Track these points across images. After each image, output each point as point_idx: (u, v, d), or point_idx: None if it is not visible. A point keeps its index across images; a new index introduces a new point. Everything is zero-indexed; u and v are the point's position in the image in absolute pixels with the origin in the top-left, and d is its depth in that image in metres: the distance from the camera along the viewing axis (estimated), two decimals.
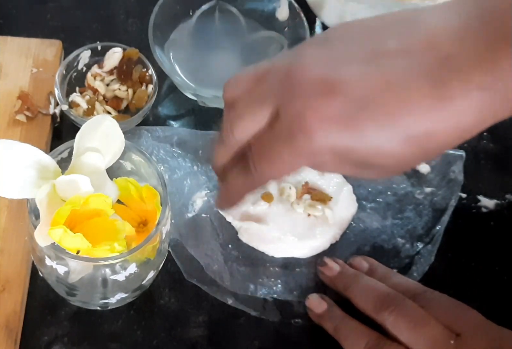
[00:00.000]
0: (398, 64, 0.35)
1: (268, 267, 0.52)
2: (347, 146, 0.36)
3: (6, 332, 0.47)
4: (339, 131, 0.35)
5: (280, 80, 0.38)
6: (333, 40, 0.38)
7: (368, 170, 0.38)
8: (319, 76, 0.36)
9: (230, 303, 0.50)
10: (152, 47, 0.54)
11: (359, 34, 0.38)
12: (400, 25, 0.37)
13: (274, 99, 0.38)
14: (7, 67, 0.55)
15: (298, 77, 0.37)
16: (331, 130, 0.36)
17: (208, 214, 0.53)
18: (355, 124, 0.35)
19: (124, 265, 0.41)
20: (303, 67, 0.37)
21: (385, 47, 0.36)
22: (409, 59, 0.35)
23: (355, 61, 0.36)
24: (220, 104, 0.57)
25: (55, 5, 0.61)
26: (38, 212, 0.37)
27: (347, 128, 0.35)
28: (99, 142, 0.39)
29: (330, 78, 0.36)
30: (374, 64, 0.35)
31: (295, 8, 0.57)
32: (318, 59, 0.37)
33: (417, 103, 0.34)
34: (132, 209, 0.40)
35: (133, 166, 0.43)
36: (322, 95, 0.36)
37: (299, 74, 0.37)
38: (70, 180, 0.37)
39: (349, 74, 0.36)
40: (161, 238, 0.42)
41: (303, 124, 0.36)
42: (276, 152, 0.38)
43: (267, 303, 0.50)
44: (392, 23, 0.38)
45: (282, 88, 0.37)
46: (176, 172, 0.54)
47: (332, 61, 0.37)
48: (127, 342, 0.49)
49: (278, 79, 0.38)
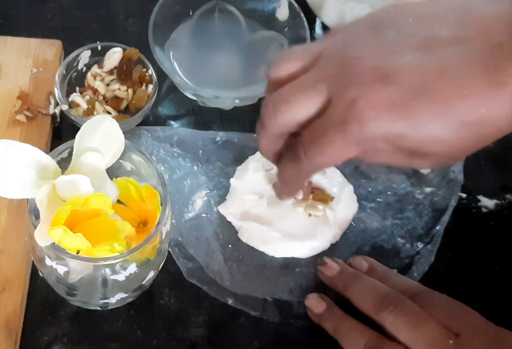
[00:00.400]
0: (452, 52, 0.36)
1: (268, 267, 0.52)
2: (401, 134, 0.36)
3: (6, 332, 0.47)
4: (394, 119, 0.36)
5: (335, 67, 0.38)
6: (385, 27, 0.39)
7: (420, 160, 0.39)
8: (374, 65, 0.37)
9: (230, 303, 0.50)
10: (152, 47, 0.54)
11: (411, 21, 0.38)
12: (452, 12, 0.38)
13: (327, 86, 0.38)
14: (7, 67, 0.55)
15: (354, 66, 0.38)
16: (385, 118, 0.36)
17: (208, 213, 0.53)
18: (409, 111, 0.36)
19: (124, 265, 0.41)
20: (358, 56, 0.38)
21: (439, 35, 0.37)
22: (463, 47, 0.36)
23: (409, 49, 0.37)
24: (220, 104, 0.57)
25: (55, 5, 0.61)
26: (38, 212, 0.37)
27: (402, 116, 0.36)
28: (99, 142, 0.39)
29: (385, 66, 0.37)
30: (428, 52, 0.36)
31: (295, 8, 0.57)
32: (373, 48, 0.38)
33: (472, 89, 0.35)
34: (132, 209, 0.40)
35: (133, 166, 0.43)
36: (377, 84, 0.36)
37: (354, 63, 0.38)
38: (70, 180, 0.37)
39: (403, 62, 0.36)
40: (161, 238, 0.42)
41: (358, 112, 0.37)
42: (328, 140, 0.38)
43: (267, 303, 0.50)
44: (444, 10, 0.38)
45: (337, 76, 0.38)
46: (176, 172, 0.54)
47: (385, 49, 0.38)
48: (127, 342, 0.49)
49: (333, 66, 0.39)
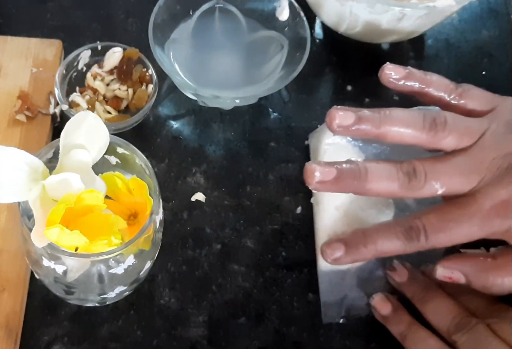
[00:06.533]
0: None
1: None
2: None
3: (6, 332, 0.47)
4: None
5: (492, 161, 0.44)
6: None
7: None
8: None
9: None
10: (152, 47, 0.54)
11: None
12: None
13: (479, 178, 0.43)
14: (7, 67, 0.55)
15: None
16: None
17: None
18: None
19: (120, 258, 0.41)
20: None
21: None
22: None
23: None
24: (220, 104, 0.57)
25: (55, 5, 0.61)
26: (31, 214, 0.37)
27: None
28: (84, 139, 0.39)
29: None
30: None
31: (295, 7, 0.57)
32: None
33: None
34: (121, 203, 0.40)
35: (118, 160, 0.43)
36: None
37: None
38: (61, 179, 0.37)
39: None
40: (155, 228, 0.42)
41: (506, 211, 0.42)
42: (460, 228, 0.43)
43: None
44: None
45: (490, 170, 0.43)
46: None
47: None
48: (127, 342, 0.49)
49: (490, 158, 0.44)
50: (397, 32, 0.57)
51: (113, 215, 0.38)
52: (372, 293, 0.50)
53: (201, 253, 0.52)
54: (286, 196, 0.55)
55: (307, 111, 0.59)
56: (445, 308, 0.47)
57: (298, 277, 0.52)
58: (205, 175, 0.55)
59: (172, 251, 0.52)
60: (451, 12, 0.56)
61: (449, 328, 0.45)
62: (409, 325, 0.47)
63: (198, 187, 0.55)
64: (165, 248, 0.47)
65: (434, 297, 0.47)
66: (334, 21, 0.59)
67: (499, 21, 0.65)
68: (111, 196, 0.41)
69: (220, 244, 0.53)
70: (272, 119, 0.58)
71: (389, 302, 0.49)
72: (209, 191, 0.55)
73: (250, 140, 0.57)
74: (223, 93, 0.55)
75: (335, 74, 0.61)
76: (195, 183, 0.55)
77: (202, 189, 0.55)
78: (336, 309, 0.50)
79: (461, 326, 0.45)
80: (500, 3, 0.66)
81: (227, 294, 0.51)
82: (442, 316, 0.46)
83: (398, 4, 0.52)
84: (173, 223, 0.53)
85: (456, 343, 0.45)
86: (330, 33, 0.62)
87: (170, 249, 0.52)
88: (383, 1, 0.52)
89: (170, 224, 0.52)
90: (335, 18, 0.58)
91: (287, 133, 0.58)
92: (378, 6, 0.53)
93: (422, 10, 0.53)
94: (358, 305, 0.50)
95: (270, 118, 0.58)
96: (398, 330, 0.47)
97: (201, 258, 0.52)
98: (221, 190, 0.55)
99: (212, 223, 0.53)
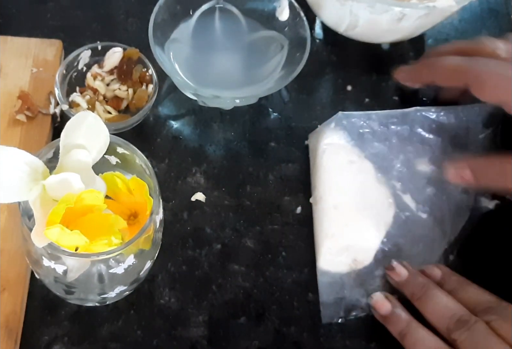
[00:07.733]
0: None
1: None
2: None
3: (6, 332, 0.47)
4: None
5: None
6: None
7: None
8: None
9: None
10: (152, 47, 0.54)
11: None
12: None
13: None
14: (7, 67, 0.55)
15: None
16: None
17: None
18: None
19: (120, 258, 0.41)
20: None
21: None
22: None
23: None
24: (220, 104, 0.57)
25: (55, 5, 0.61)
26: (31, 214, 0.37)
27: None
28: (84, 139, 0.39)
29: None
30: None
31: (295, 7, 0.57)
32: None
33: None
34: (121, 203, 0.41)
35: (118, 160, 0.43)
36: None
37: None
38: (61, 179, 0.37)
39: None
40: (155, 228, 0.42)
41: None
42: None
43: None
44: None
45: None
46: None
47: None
48: (127, 342, 0.49)
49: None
50: (397, 32, 0.57)
51: (113, 215, 0.38)
52: (371, 292, 0.50)
53: (201, 253, 0.52)
54: (286, 196, 0.55)
55: (307, 111, 0.59)
56: (444, 307, 0.47)
57: (298, 277, 0.52)
58: (205, 175, 0.55)
59: (172, 251, 0.52)
60: (451, 12, 0.56)
61: (449, 326, 0.46)
62: (408, 324, 0.47)
63: (198, 186, 0.55)
64: (165, 248, 0.47)
65: (433, 296, 0.47)
66: (334, 21, 0.59)
67: (499, 21, 0.65)
68: (111, 196, 0.41)
69: (220, 244, 0.53)
70: (272, 119, 0.58)
71: (388, 302, 0.49)
72: (209, 190, 0.55)
73: (250, 140, 0.57)
74: (223, 93, 0.55)
75: (335, 74, 0.61)
76: (195, 182, 0.55)
77: (202, 188, 0.55)
78: (335, 309, 0.50)
79: (460, 324, 0.45)
80: (500, 3, 0.66)
81: (227, 294, 0.51)
82: (441, 315, 0.46)
83: (398, 4, 0.52)
84: (173, 223, 0.53)
85: (455, 341, 0.45)
86: (330, 33, 0.62)
87: (170, 249, 0.52)
88: (383, 1, 0.52)
89: (170, 224, 0.52)
90: (335, 18, 0.58)
91: (287, 133, 0.58)
92: (378, 6, 0.53)
93: (422, 10, 0.53)
94: (357, 305, 0.51)
95: (270, 118, 0.59)
96: (397, 329, 0.47)
97: (201, 258, 0.52)
98: (221, 189, 0.55)
99: (212, 223, 0.54)
